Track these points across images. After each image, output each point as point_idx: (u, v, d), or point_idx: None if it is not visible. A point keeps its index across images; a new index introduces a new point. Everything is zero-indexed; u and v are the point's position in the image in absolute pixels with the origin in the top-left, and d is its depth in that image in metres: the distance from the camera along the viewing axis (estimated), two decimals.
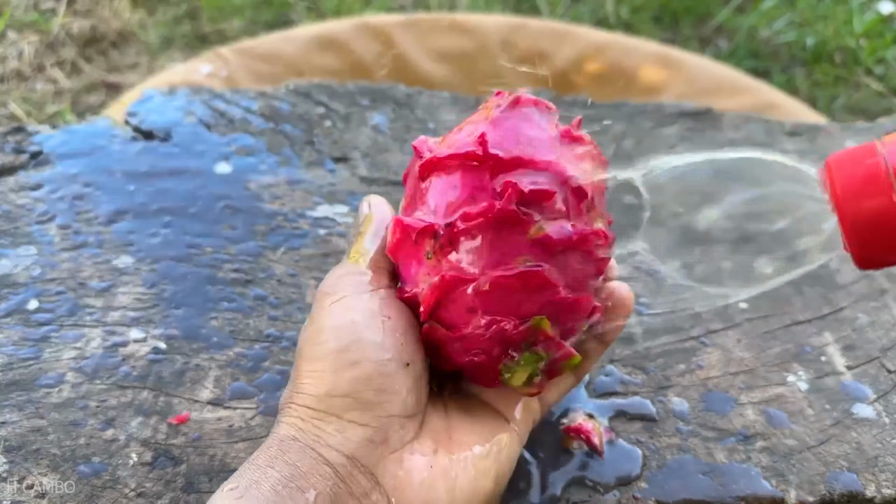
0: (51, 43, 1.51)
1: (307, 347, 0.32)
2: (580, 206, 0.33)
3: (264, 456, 0.30)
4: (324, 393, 0.31)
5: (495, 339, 0.32)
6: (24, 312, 0.45)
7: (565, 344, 0.33)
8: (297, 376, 0.32)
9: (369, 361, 0.31)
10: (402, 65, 1.25)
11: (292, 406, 0.31)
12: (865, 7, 1.69)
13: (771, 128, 0.68)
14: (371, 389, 0.31)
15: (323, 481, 0.29)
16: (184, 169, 0.57)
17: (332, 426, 0.30)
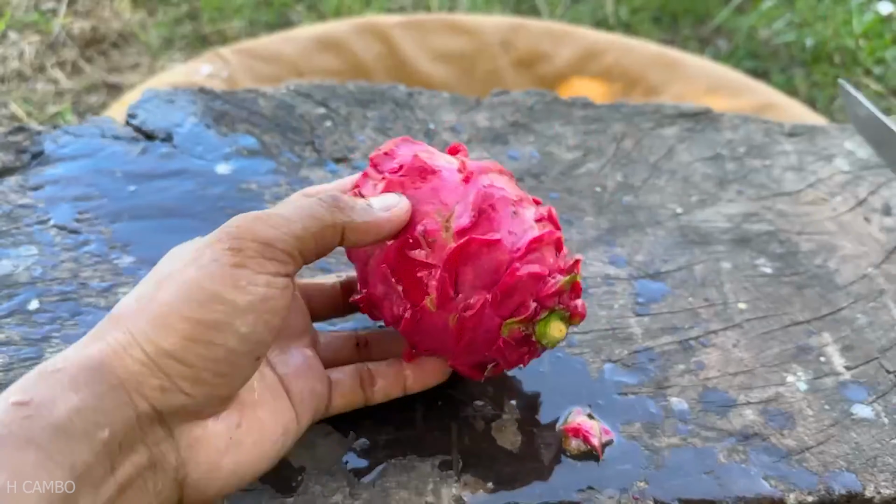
0: (51, 43, 1.51)
1: (180, 290, 0.30)
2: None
3: (70, 374, 0.28)
4: (165, 351, 0.29)
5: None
6: (25, 313, 0.46)
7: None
8: (149, 306, 0.30)
9: (225, 349, 0.30)
10: (401, 65, 1.25)
11: (128, 337, 0.29)
12: (865, 7, 1.69)
13: (770, 128, 0.68)
14: (213, 372, 0.30)
15: (122, 423, 0.28)
16: (184, 169, 0.57)
17: (157, 382, 0.29)
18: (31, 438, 0.25)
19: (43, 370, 0.28)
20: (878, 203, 0.61)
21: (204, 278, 0.30)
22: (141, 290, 0.31)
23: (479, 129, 0.65)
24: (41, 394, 0.27)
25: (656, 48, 1.29)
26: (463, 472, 0.39)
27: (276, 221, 0.31)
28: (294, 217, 0.32)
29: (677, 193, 0.60)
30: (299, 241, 0.32)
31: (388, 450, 0.40)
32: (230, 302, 0.30)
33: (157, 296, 0.30)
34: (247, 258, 0.30)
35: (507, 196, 0.37)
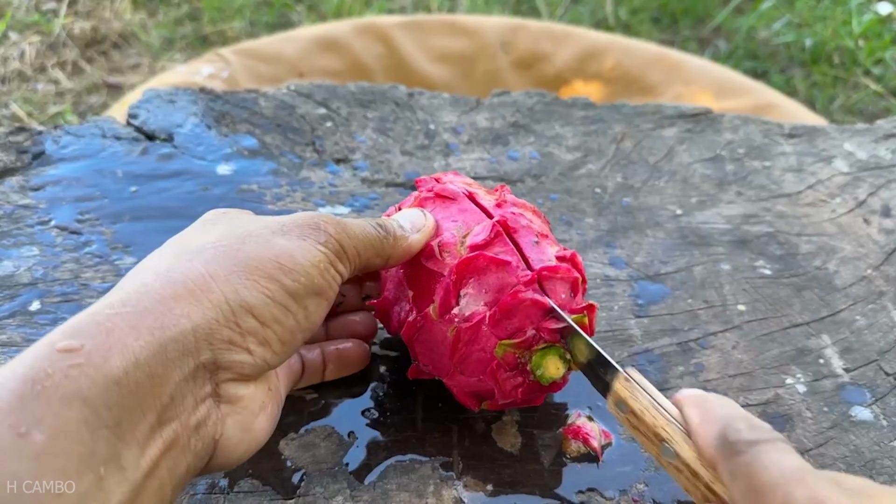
0: (52, 44, 1.51)
1: (271, 251, 0.30)
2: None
3: (130, 319, 0.26)
4: (247, 303, 0.29)
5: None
6: (26, 313, 0.46)
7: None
8: (234, 255, 0.29)
9: (294, 319, 0.31)
10: (402, 65, 1.26)
11: (207, 280, 0.28)
12: (864, 8, 1.69)
13: (769, 129, 0.68)
14: (278, 338, 0.30)
15: (179, 375, 0.26)
16: (185, 170, 0.57)
17: (228, 334, 0.28)
18: (78, 391, 0.23)
19: (96, 311, 0.26)
20: (878, 205, 0.61)
21: (296, 250, 0.31)
22: (214, 236, 0.31)
23: (479, 130, 0.65)
24: (95, 340, 0.24)
25: (656, 48, 1.29)
26: (463, 474, 0.40)
27: (353, 232, 0.34)
28: (360, 237, 0.35)
29: (677, 195, 0.60)
30: (358, 259, 0.35)
31: (389, 451, 0.40)
32: (311, 279, 0.31)
33: (242, 247, 0.30)
34: (328, 250, 0.32)
35: (533, 227, 0.39)
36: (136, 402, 0.24)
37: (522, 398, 0.38)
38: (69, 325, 0.25)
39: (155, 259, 0.30)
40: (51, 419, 0.22)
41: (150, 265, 0.29)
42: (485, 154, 0.62)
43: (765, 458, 0.26)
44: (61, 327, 0.25)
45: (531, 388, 0.38)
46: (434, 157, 0.62)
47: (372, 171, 0.60)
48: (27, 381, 0.23)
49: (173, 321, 0.26)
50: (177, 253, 0.30)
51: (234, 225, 0.32)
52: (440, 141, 0.63)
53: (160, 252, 0.31)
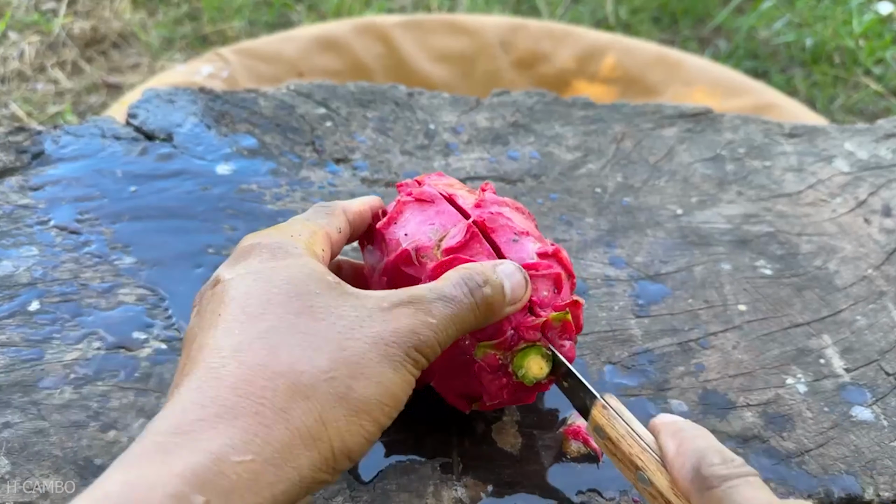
0: (52, 43, 1.51)
1: (377, 390, 0.29)
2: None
3: (255, 472, 0.26)
4: (350, 450, 0.29)
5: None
6: (25, 313, 0.46)
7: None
8: (346, 395, 0.29)
9: (371, 442, 0.30)
10: (402, 65, 1.25)
11: (320, 427, 0.28)
12: (864, 7, 1.69)
13: (770, 129, 0.68)
14: (353, 463, 0.30)
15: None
16: (185, 170, 0.57)
17: (325, 477, 0.28)
18: None
19: (222, 457, 0.25)
20: (878, 204, 0.61)
21: (398, 385, 0.30)
22: (326, 364, 0.29)
23: (479, 130, 0.65)
24: (218, 498, 0.24)
25: (656, 48, 1.29)
26: (463, 475, 0.39)
27: (444, 339, 0.32)
28: (454, 332, 0.33)
29: (677, 194, 0.60)
30: (442, 345, 0.33)
31: (389, 451, 0.40)
32: (400, 408, 0.31)
33: (354, 386, 0.29)
34: (417, 371, 0.31)
35: (512, 225, 0.39)
36: None
37: (509, 398, 0.38)
38: (193, 470, 0.24)
39: (263, 377, 0.28)
40: None
41: (262, 389, 0.27)
42: (485, 154, 0.62)
43: (736, 495, 0.28)
44: (185, 465, 0.24)
45: (517, 389, 0.38)
46: (434, 156, 0.62)
47: (372, 171, 0.59)
48: None
49: (288, 474, 0.26)
50: (290, 382, 0.28)
51: (341, 339, 0.30)
52: (440, 141, 0.63)
53: (257, 354, 0.29)
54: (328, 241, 0.36)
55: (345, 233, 0.38)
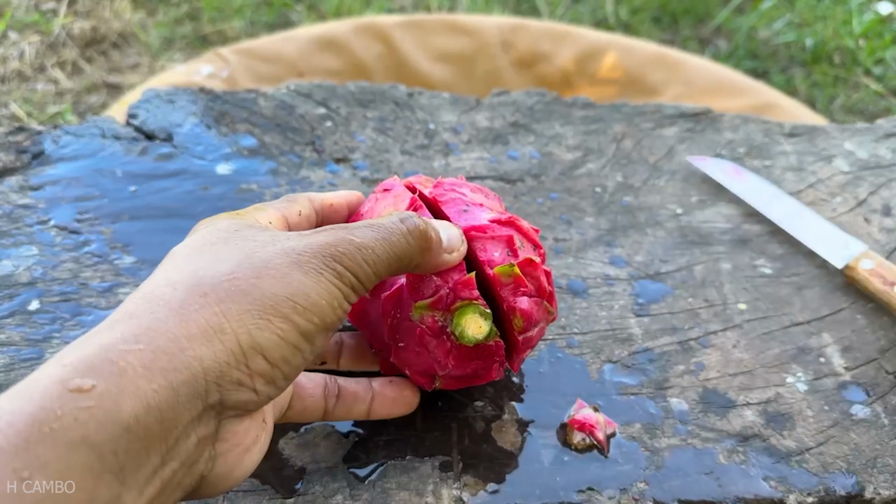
0: (52, 43, 1.51)
1: (287, 288, 0.29)
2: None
3: (145, 358, 0.25)
4: (259, 345, 0.28)
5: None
6: (25, 313, 0.46)
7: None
8: (249, 292, 0.28)
9: (302, 358, 0.30)
10: (401, 65, 1.25)
11: (220, 320, 0.27)
12: (864, 7, 1.69)
13: (770, 129, 0.68)
14: (284, 377, 0.29)
15: (187, 418, 0.26)
16: (185, 169, 0.57)
17: (237, 376, 0.27)
18: (86, 437, 0.23)
19: (110, 346, 0.25)
20: (878, 204, 0.61)
21: (312, 288, 0.29)
22: (229, 267, 0.29)
23: (479, 129, 0.65)
24: (107, 381, 0.24)
25: (656, 48, 1.28)
26: (463, 473, 0.39)
27: (372, 258, 0.32)
28: (385, 256, 0.32)
29: (677, 194, 0.60)
30: (378, 278, 0.33)
31: (389, 450, 0.40)
32: (324, 317, 0.30)
33: (258, 283, 0.28)
34: (344, 285, 0.31)
35: (461, 198, 0.39)
36: (142, 446, 0.24)
37: (463, 370, 0.37)
38: (80, 358, 0.24)
39: (166, 285, 0.29)
40: (55, 464, 0.22)
41: (161, 293, 0.28)
42: (485, 153, 0.62)
43: None
44: (71, 359, 0.24)
45: (464, 354, 0.37)
46: (434, 156, 0.62)
47: (371, 171, 0.59)
48: (35, 423, 0.22)
49: (185, 363, 0.26)
50: (190, 284, 0.28)
51: (249, 251, 0.30)
52: (440, 140, 0.63)
53: (170, 275, 0.29)
54: (282, 220, 0.37)
55: (307, 217, 0.38)
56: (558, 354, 0.46)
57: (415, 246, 0.33)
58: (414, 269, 0.35)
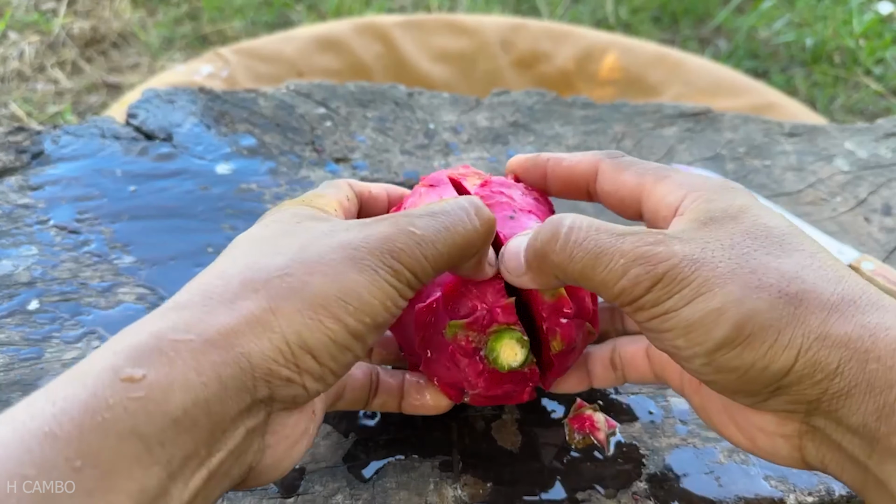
0: (52, 43, 1.51)
1: (338, 286, 0.28)
2: None
3: (195, 349, 0.25)
4: (308, 345, 0.27)
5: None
6: (25, 313, 0.46)
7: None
8: (300, 290, 0.28)
9: (353, 356, 0.29)
10: (401, 65, 1.25)
11: (269, 316, 0.27)
12: (864, 7, 1.69)
13: (770, 128, 0.68)
14: (334, 374, 0.29)
15: (235, 411, 0.26)
16: (184, 169, 0.57)
17: (287, 373, 0.27)
18: (135, 427, 0.23)
19: (161, 335, 0.25)
20: (878, 203, 0.61)
21: (363, 286, 0.28)
22: (283, 262, 0.29)
23: (479, 129, 0.65)
24: (157, 371, 0.24)
25: (656, 48, 1.29)
26: (463, 473, 0.39)
27: (432, 253, 0.30)
28: (446, 250, 0.31)
29: None
30: (438, 273, 0.31)
31: (389, 450, 0.40)
32: (376, 317, 0.29)
33: (311, 281, 0.28)
34: (400, 283, 0.30)
35: (510, 203, 0.37)
36: (190, 438, 0.24)
37: (496, 391, 0.36)
38: (132, 346, 0.25)
39: (220, 278, 0.28)
40: (107, 454, 0.22)
41: (215, 286, 0.28)
42: (484, 153, 0.62)
43: None
44: (123, 346, 0.25)
45: (498, 379, 0.35)
46: (434, 156, 0.62)
47: (371, 171, 0.59)
48: (88, 411, 0.23)
49: (235, 358, 0.26)
50: (243, 279, 0.28)
51: (306, 243, 0.30)
52: (440, 140, 0.63)
53: (226, 267, 0.29)
54: (340, 208, 0.36)
55: (353, 202, 0.38)
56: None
57: (482, 237, 0.32)
58: (465, 268, 0.33)
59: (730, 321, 0.27)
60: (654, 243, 0.29)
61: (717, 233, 0.29)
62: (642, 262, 0.28)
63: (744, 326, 0.27)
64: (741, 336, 0.27)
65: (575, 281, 0.31)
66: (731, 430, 0.33)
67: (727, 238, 0.29)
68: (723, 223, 0.30)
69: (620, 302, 0.30)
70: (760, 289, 0.27)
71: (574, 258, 0.30)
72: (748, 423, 0.32)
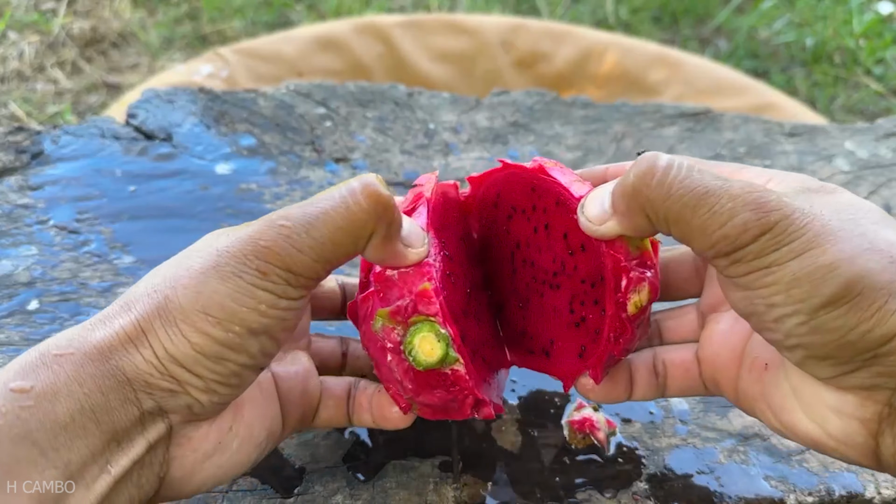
0: (51, 43, 1.51)
1: (199, 300, 0.28)
2: None
3: (75, 362, 0.26)
4: (176, 359, 0.28)
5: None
6: (25, 313, 0.46)
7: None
8: (164, 305, 0.28)
9: (235, 365, 0.29)
10: (401, 65, 1.25)
11: (138, 331, 0.28)
12: (865, 7, 1.69)
13: (770, 128, 0.68)
14: (221, 384, 0.29)
15: (125, 422, 0.27)
16: (184, 169, 0.57)
17: (167, 385, 0.28)
18: (28, 433, 0.25)
19: (45, 352, 0.27)
20: (879, 203, 0.61)
21: (226, 295, 0.28)
22: (156, 281, 0.29)
23: (479, 129, 0.65)
24: (43, 382, 0.26)
25: (657, 48, 1.28)
26: (463, 473, 0.39)
27: (306, 245, 0.28)
28: (329, 234, 0.29)
29: None
30: (327, 263, 0.29)
31: (389, 450, 0.40)
32: (248, 324, 0.28)
33: (173, 296, 0.28)
34: (271, 283, 0.29)
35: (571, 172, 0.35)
36: (84, 445, 0.26)
37: (417, 391, 0.32)
38: (21, 362, 0.26)
39: (117, 300, 0.30)
40: (3, 457, 0.24)
41: (107, 308, 0.29)
42: (484, 153, 0.62)
43: None
44: (14, 364, 0.26)
45: (422, 379, 0.32)
46: (433, 156, 0.62)
47: (371, 171, 0.59)
48: None
49: (111, 371, 0.27)
50: (125, 299, 0.29)
51: (181, 259, 0.30)
52: (440, 140, 0.63)
53: (130, 288, 0.30)
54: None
55: None
56: None
57: (370, 214, 0.29)
58: (370, 253, 0.30)
59: (840, 278, 0.26)
60: (765, 191, 0.27)
61: (820, 198, 0.28)
62: (753, 208, 0.27)
63: (854, 285, 0.26)
64: (850, 294, 0.26)
65: (666, 223, 0.29)
66: (797, 417, 0.30)
67: (832, 204, 0.28)
68: (821, 194, 0.29)
69: (717, 251, 0.28)
70: (872, 251, 0.26)
71: (672, 195, 0.28)
72: (820, 404, 0.29)
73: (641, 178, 0.28)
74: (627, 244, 0.31)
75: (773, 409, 0.32)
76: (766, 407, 0.32)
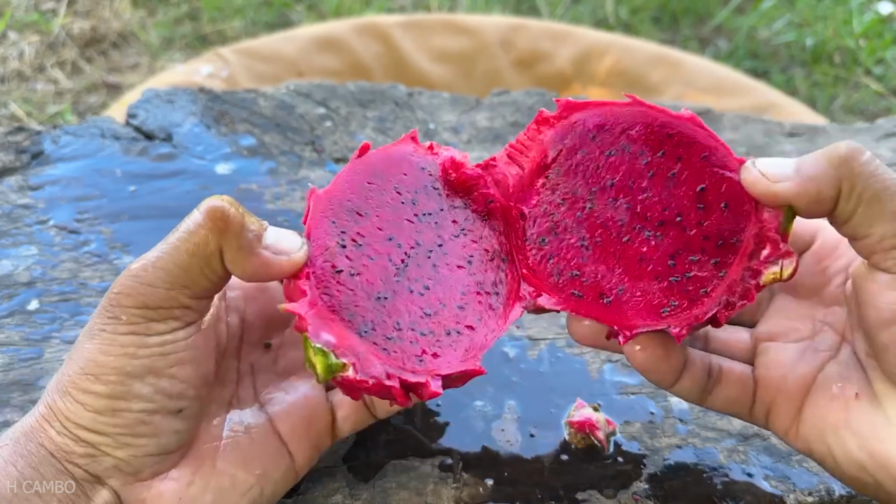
0: (51, 43, 1.51)
1: (78, 365, 0.30)
2: None
3: (8, 448, 0.30)
4: (77, 424, 0.30)
5: None
6: (25, 313, 0.46)
7: None
8: (59, 380, 0.31)
9: (133, 413, 0.30)
10: (401, 65, 1.25)
11: (47, 410, 0.31)
12: (865, 7, 1.69)
13: (770, 128, 0.68)
14: (131, 435, 0.30)
15: (63, 490, 0.30)
16: (184, 169, 0.57)
17: (83, 450, 0.30)
18: None
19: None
20: None
21: (95, 350, 0.30)
22: (63, 368, 0.32)
23: (479, 129, 0.65)
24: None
25: (657, 48, 1.28)
26: (463, 473, 0.39)
27: (157, 278, 0.29)
28: (177, 262, 0.29)
29: None
30: (185, 289, 0.30)
31: (388, 450, 0.40)
32: (121, 370, 0.30)
33: (64, 369, 0.31)
34: (131, 325, 0.30)
35: None
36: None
37: (349, 395, 0.32)
38: None
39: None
40: None
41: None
42: (484, 153, 0.62)
43: None
44: None
45: (342, 386, 0.31)
46: None
47: None
48: None
49: (36, 448, 0.30)
50: (48, 389, 0.32)
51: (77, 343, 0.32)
52: (440, 140, 0.63)
53: None
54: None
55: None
56: (558, 354, 0.46)
57: (212, 228, 0.29)
58: (234, 269, 0.30)
59: None
60: None
61: None
62: None
63: None
64: None
65: (858, 200, 0.29)
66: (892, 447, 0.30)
67: None
68: None
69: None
70: None
71: (877, 175, 0.29)
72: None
73: (854, 151, 0.29)
74: (782, 218, 0.31)
75: (861, 437, 0.31)
76: (851, 435, 0.31)
